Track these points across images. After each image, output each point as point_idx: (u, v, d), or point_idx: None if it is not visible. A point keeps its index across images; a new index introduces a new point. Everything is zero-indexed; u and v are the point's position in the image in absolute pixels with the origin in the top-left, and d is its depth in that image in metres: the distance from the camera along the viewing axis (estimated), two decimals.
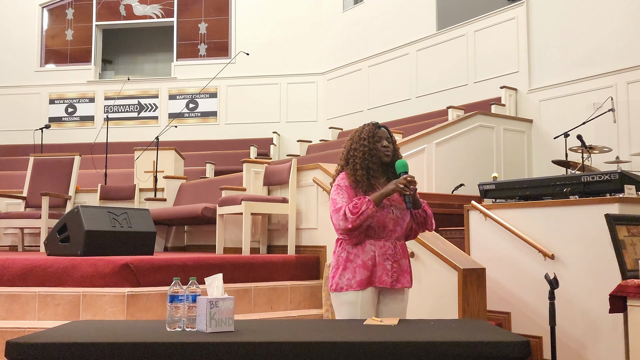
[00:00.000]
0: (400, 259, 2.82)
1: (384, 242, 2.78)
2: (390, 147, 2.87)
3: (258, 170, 6.28)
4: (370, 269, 2.75)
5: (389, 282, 2.76)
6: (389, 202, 2.79)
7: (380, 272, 2.76)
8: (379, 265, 2.76)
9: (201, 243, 6.94)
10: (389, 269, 2.77)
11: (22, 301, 3.91)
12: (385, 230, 2.78)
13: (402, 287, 2.82)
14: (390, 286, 2.77)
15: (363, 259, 2.76)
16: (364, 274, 2.75)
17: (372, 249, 2.77)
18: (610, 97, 6.75)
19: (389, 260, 2.77)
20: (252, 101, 11.53)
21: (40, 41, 12.28)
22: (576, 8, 7.51)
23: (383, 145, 2.85)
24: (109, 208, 4.99)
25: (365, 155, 2.83)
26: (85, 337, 2.05)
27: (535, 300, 4.28)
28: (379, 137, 2.87)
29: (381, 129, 2.91)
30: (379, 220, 2.76)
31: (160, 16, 12.28)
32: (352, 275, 2.76)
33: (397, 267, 2.79)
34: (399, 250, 2.81)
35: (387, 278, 2.76)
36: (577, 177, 4.26)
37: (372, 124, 2.94)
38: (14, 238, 7.49)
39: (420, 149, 6.56)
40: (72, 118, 12.00)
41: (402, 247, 2.85)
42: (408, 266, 2.86)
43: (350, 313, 2.76)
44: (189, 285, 2.26)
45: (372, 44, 10.35)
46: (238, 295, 4.35)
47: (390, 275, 2.77)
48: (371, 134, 2.88)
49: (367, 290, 2.75)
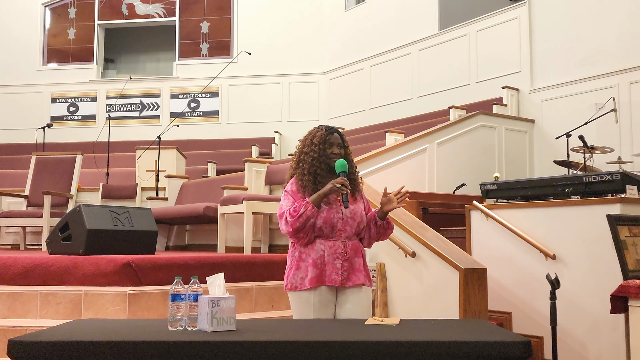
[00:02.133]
0: (352, 258, 2.84)
1: (334, 242, 2.82)
2: (341, 152, 2.90)
3: (260, 170, 6.29)
4: (320, 267, 2.79)
5: (339, 281, 2.79)
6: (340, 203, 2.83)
7: (329, 271, 2.79)
8: (328, 264, 2.80)
9: (203, 242, 6.94)
10: (338, 267, 2.80)
11: (24, 300, 3.92)
12: (334, 230, 2.82)
13: (354, 285, 2.82)
14: (340, 284, 2.80)
15: (313, 258, 2.81)
16: (314, 273, 2.79)
17: (321, 248, 2.81)
18: (613, 98, 6.74)
19: (339, 259, 2.81)
20: (254, 100, 11.53)
21: (43, 40, 12.29)
22: (578, 8, 7.50)
23: (333, 152, 2.89)
24: (111, 207, 4.99)
25: (313, 161, 2.88)
26: (87, 335, 2.05)
27: (537, 300, 4.28)
28: (330, 143, 2.91)
29: (334, 134, 2.94)
30: (326, 220, 2.81)
31: (163, 15, 12.28)
32: (305, 275, 2.81)
33: (348, 266, 2.82)
34: (349, 250, 2.83)
35: (336, 277, 2.79)
36: (579, 177, 4.25)
37: (325, 129, 2.95)
38: (16, 237, 7.51)
39: (422, 149, 6.56)
40: (74, 117, 12.02)
41: (353, 246, 2.86)
42: (362, 265, 2.87)
43: (304, 312, 2.80)
44: (190, 285, 2.27)
45: (374, 43, 10.35)
46: (239, 294, 4.35)
47: (340, 274, 2.80)
48: (322, 139, 2.91)
49: (320, 289, 2.79)
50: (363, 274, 2.86)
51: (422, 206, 5.45)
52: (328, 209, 2.81)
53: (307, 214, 2.75)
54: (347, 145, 2.97)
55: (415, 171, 6.48)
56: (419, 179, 6.48)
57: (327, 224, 2.80)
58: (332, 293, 2.82)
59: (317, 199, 2.78)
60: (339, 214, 2.82)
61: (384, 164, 6.14)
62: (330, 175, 2.87)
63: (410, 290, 4.16)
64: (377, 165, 6.04)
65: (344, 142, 2.96)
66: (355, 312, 2.81)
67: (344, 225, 2.83)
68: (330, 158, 2.87)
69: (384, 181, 5.88)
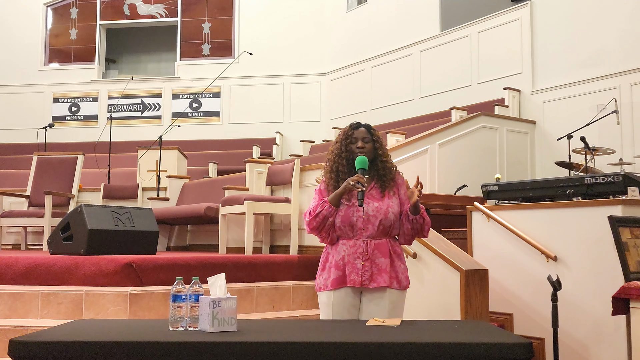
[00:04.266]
0: (376, 257, 2.74)
1: (355, 241, 2.75)
2: (366, 146, 2.82)
3: (261, 170, 6.29)
4: (342, 268, 2.75)
5: (359, 282, 2.71)
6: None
7: (349, 271, 2.73)
8: (348, 264, 2.74)
9: (204, 242, 6.95)
10: (359, 267, 2.72)
11: (25, 299, 3.92)
12: (355, 229, 2.75)
13: (378, 286, 2.72)
14: (360, 285, 2.72)
15: (336, 259, 2.78)
16: (336, 274, 2.75)
17: (343, 249, 2.76)
18: (614, 99, 6.74)
19: (360, 259, 2.72)
20: (255, 101, 11.54)
21: (44, 40, 12.30)
22: (580, 9, 7.50)
23: (358, 146, 2.82)
24: (112, 207, 4.99)
25: (335, 158, 2.85)
26: (88, 335, 2.06)
27: (538, 301, 4.27)
28: (354, 138, 2.85)
29: (359, 129, 2.87)
30: (344, 219, 2.75)
31: (164, 16, 12.29)
32: (328, 276, 2.79)
33: (370, 266, 2.72)
34: (372, 249, 2.74)
35: (356, 277, 2.72)
36: (580, 178, 4.25)
37: (350, 125, 2.91)
38: (17, 236, 7.51)
39: (424, 150, 6.56)
40: (75, 117, 12.03)
41: (377, 245, 2.75)
42: (388, 265, 2.75)
43: (325, 313, 2.79)
44: (191, 285, 2.26)
45: (376, 44, 10.35)
46: (240, 295, 4.35)
47: (361, 274, 2.72)
48: (345, 136, 2.88)
49: (341, 291, 2.74)
50: (388, 275, 2.73)
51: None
52: (347, 208, 2.74)
53: (324, 213, 2.72)
54: (376, 139, 2.87)
55: (416, 172, 6.44)
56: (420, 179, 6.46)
57: (345, 223, 2.74)
58: (356, 295, 2.76)
59: (335, 197, 2.73)
60: (359, 212, 2.74)
61: None
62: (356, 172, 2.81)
63: (412, 292, 4.14)
64: None
65: (373, 136, 2.86)
66: (374, 313, 2.71)
67: (365, 223, 2.74)
68: (355, 154, 2.80)
69: None
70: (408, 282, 2.85)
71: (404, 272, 2.82)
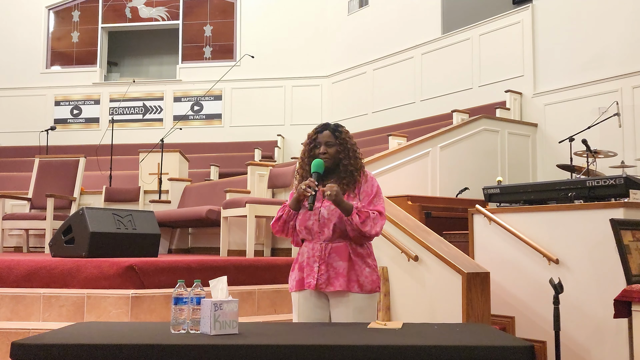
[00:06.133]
0: (333, 261, 2.71)
1: (314, 244, 2.75)
2: (329, 150, 2.77)
3: (262, 173, 6.29)
4: (302, 270, 2.79)
5: (314, 285, 2.71)
6: (320, 204, 2.73)
7: (307, 274, 2.75)
8: (307, 266, 2.76)
9: (205, 245, 6.95)
10: (315, 271, 2.72)
11: (27, 302, 3.92)
12: (312, 233, 2.75)
13: (335, 290, 2.69)
14: (315, 288, 2.72)
15: (299, 261, 2.83)
16: (299, 276, 2.80)
17: (305, 251, 2.80)
18: (616, 102, 6.74)
19: (317, 262, 2.72)
20: (257, 104, 11.55)
21: (46, 43, 12.33)
22: (581, 12, 7.51)
23: (320, 151, 2.78)
24: (114, 210, 5.00)
25: (301, 162, 2.86)
26: (90, 338, 2.06)
27: (540, 304, 4.27)
28: (318, 142, 2.81)
29: (323, 132, 2.81)
30: (301, 222, 2.77)
31: (166, 19, 12.32)
32: (293, 277, 2.84)
33: (326, 270, 2.71)
34: (329, 253, 2.72)
35: (312, 280, 2.72)
36: (582, 181, 4.25)
37: (314, 129, 2.86)
38: (19, 239, 7.52)
39: (425, 153, 6.56)
40: (77, 120, 12.04)
41: (335, 249, 2.72)
42: (345, 269, 2.70)
43: (294, 313, 2.84)
44: (193, 288, 2.26)
45: (377, 47, 10.36)
46: (242, 297, 4.35)
47: (317, 277, 2.71)
48: (310, 140, 2.84)
49: (304, 292, 2.77)
50: (345, 279, 2.69)
51: (425, 210, 5.45)
52: (305, 212, 2.74)
53: (284, 217, 2.79)
54: (341, 142, 2.80)
55: (418, 175, 6.48)
56: (421, 182, 6.48)
57: (302, 227, 2.77)
58: (321, 296, 2.77)
59: (293, 202, 2.75)
60: (315, 215, 2.73)
61: (387, 167, 6.14)
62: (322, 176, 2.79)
63: (413, 294, 4.15)
64: (380, 169, 6.04)
65: (338, 138, 2.80)
66: (339, 319, 2.71)
67: (320, 227, 2.73)
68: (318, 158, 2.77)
69: (387, 185, 5.90)
70: (374, 286, 2.76)
71: (368, 276, 2.74)
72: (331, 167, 2.79)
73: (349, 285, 2.70)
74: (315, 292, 2.75)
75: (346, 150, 2.80)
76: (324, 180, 2.79)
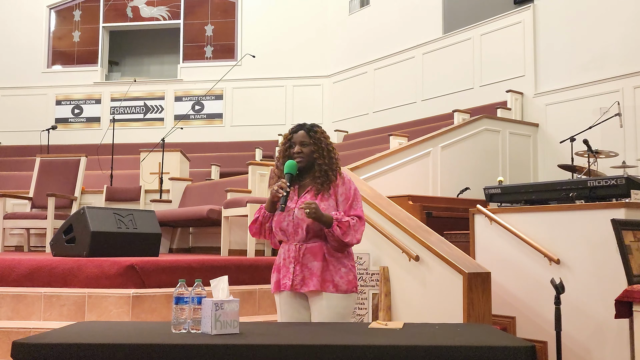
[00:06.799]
0: (308, 261, 2.71)
1: (289, 245, 2.75)
2: (304, 150, 2.76)
3: (263, 173, 6.29)
4: (279, 271, 2.79)
5: (289, 285, 2.72)
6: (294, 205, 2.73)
7: (283, 275, 2.76)
8: (283, 267, 2.77)
9: (206, 245, 6.95)
10: (290, 272, 2.72)
11: (28, 301, 3.93)
12: (287, 234, 2.75)
13: (309, 290, 2.69)
14: (291, 289, 2.72)
15: (277, 262, 2.83)
16: (276, 277, 2.81)
17: (282, 252, 2.80)
18: (617, 102, 6.73)
19: (292, 263, 2.72)
20: (258, 103, 11.54)
21: (47, 42, 12.33)
22: (583, 12, 7.50)
23: (294, 151, 2.78)
24: (115, 209, 5.00)
25: (277, 163, 2.85)
26: (91, 338, 2.06)
27: (541, 304, 4.26)
28: (293, 142, 2.80)
29: (298, 132, 2.81)
30: (276, 224, 2.76)
31: (167, 18, 12.32)
32: (273, 279, 2.84)
33: (301, 270, 2.71)
34: (303, 253, 2.71)
35: (287, 281, 2.73)
36: (583, 181, 4.24)
37: (290, 129, 2.85)
38: (20, 238, 7.52)
39: (426, 153, 6.56)
40: (78, 119, 12.05)
41: (310, 249, 2.71)
42: (320, 269, 2.69)
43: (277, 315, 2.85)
44: (194, 287, 2.27)
45: (378, 47, 10.35)
46: (243, 297, 4.35)
47: (292, 278, 2.71)
48: (285, 140, 2.84)
49: (284, 293, 2.77)
50: (319, 279, 2.68)
51: (426, 210, 5.44)
52: (280, 213, 2.73)
53: (260, 219, 2.80)
54: (315, 141, 2.78)
55: (419, 175, 6.48)
56: (422, 182, 6.48)
57: (277, 228, 2.77)
58: (301, 297, 2.77)
59: (267, 203, 2.77)
60: (289, 217, 2.72)
61: (388, 167, 6.14)
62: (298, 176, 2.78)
63: (414, 294, 4.15)
64: (380, 168, 6.04)
65: (312, 138, 2.78)
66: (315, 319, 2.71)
67: (295, 228, 2.72)
68: (294, 158, 2.77)
69: (388, 185, 5.91)
70: (351, 286, 2.74)
71: (344, 276, 2.72)
72: (306, 167, 2.79)
73: (324, 285, 2.69)
74: (293, 293, 2.75)
75: (321, 149, 2.78)
76: (299, 180, 2.80)
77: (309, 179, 2.79)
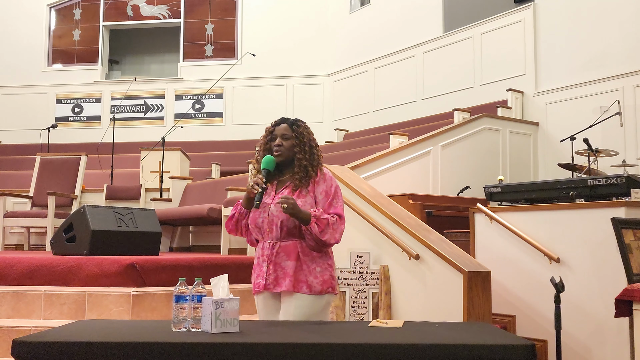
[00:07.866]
0: (282, 260, 2.59)
1: (264, 244, 2.65)
2: (285, 144, 2.67)
3: None
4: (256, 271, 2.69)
5: (262, 285, 2.61)
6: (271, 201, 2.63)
7: (257, 275, 2.66)
8: (257, 267, 2.67)
9: (206, 243, 6.95)
10: (264, 271, 2.61)
11: (28, 300, 3.93)
12: (262, 231, 2.64)
13: (282, 290, 2.58)
14: (264, 289, 2.62)
15: (254, 262, 2.72)
16: (254, 278, 2.69)
17: (258, 251, 2.70)
18: (618, 101, 6.73)
19: (266, 262, 2.62)
20: (258, 102, 11.53)
21: (48, 41, 12.33)
22: (583, 11, 7.49)
23: (275, 144, 2.68)
24: (115, 208, 5.00)
25: (257, 157, 2.76)
26: (91, 336, 2.06)
27: (541, 303, 4.26)
28: (274, 135, 2.72)
29: (280, 125, 2.73)
30: (252, 221, 2.66)
31: (167, 17, 12.31)
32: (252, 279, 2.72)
33: (274, 270, 2.60)
34: (277, 252, 2.60)
35: (261, 280, 2.62)
36: (584, 180, 4.24)
37: (273, 122, 2.77)
38: (20, 237, 7.52)
39: (426, 151, 6.55)
40: (78, 118, 12.04)
41: (284, 248, 2.60)
42: (292, 269, 2.58)
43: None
44: (194, 286, 2.27)
45: (379, 45, 10.35)
46: (243, 296, 4.32)
47: (265, 277, 2.60)
48: (267, 133, 2.76)
49: (260, 295, 2.67)
50: (292, 279, 2.56)
51: (426, 209, 5.44)
52: (255, 210, 2.61)
53: (236, 216, 2.71)
54: (297, 135, 2.69)
55: (419, 174, 6.48)
56: (423, 181, 6.47)
57: (252, 225, 2.67)
58: (274, 298, 2.66)
59: (244, 199, 2.66)
60: (265, 213, 2.62)
61: (388, 166, 6.14)
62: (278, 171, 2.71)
63: (414, 293, 4.15)
64: (381, 167, 6.04)
65: (295, 132, 2.69)
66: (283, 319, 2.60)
67: (269, 225, 2.61)
68: (273, 152, 2.68)
69: (388, 184, 5.90)
70: (326, 286, 2.61)
71: (318, 276, 2.60)
72: (287, 162, 2.70)
73: (297, 286, 2.57)
74: (270, 294, 2.64)
75: (302, 144, 2.69)
76: (279, 176, 2.72)
77: (288, 174, 2.70)
